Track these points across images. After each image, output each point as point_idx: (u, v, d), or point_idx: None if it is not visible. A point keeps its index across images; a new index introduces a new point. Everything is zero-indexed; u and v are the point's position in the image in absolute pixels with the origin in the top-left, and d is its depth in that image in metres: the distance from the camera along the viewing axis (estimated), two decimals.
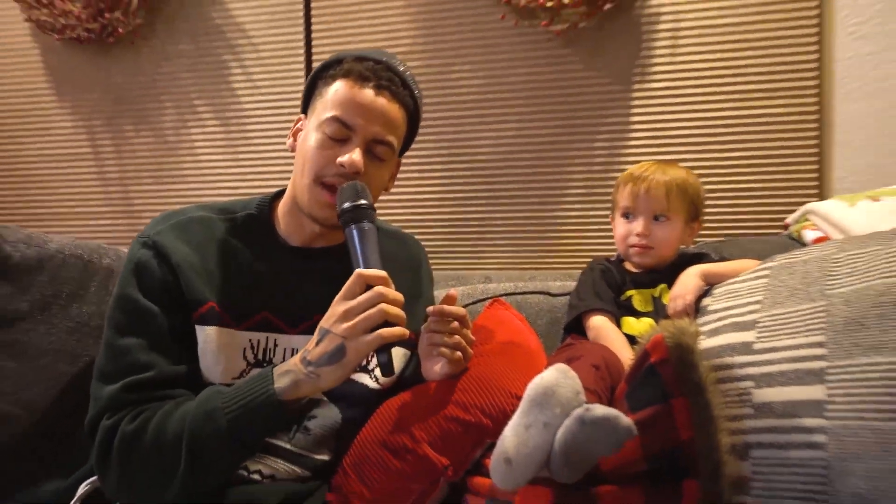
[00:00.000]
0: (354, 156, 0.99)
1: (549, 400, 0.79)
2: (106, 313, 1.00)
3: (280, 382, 0.90)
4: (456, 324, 1.01)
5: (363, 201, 0.97)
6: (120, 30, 2.04)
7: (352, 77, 1.02)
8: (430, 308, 1.02)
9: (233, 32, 2.04)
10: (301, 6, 1.98)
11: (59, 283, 1.18)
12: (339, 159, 0.99)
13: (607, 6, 1.71)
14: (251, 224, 1.09)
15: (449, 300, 1.02)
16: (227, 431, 0.87)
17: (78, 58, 2.15)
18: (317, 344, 0.90)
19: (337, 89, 1.02)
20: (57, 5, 2.04)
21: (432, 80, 1.88)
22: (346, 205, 0.97)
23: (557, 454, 0.77)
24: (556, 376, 0.81)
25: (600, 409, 0.76)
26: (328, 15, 1.96)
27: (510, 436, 0.79)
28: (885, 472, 0.76)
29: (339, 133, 1.01)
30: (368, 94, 1.02)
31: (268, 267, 1.06)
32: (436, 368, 1.04)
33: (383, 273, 0.91)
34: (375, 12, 1.93)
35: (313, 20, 1.98)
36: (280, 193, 1.14)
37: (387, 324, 0.88)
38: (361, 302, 0.88)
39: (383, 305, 0.88)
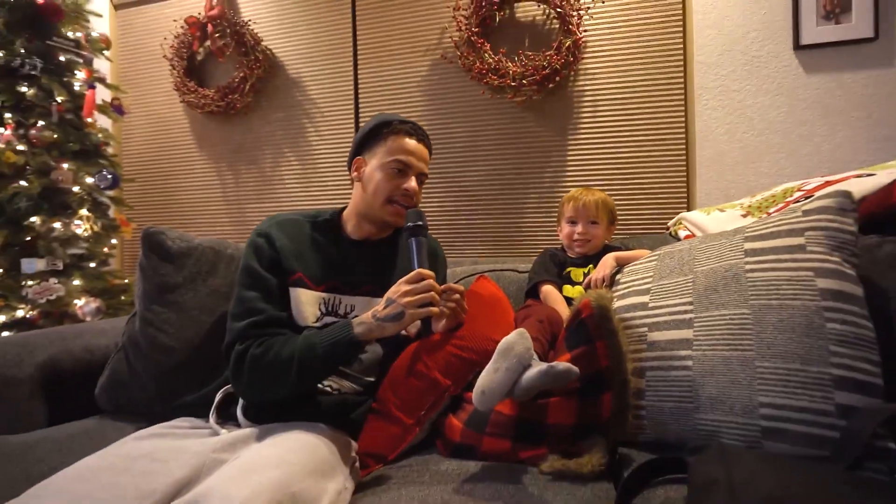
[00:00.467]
0: (413, 184, 1.04)
1: (510, 352, 0.78)
2: (237, 277, 1.00)
3: (357, 329, 0.91)
4: (457, 295, 1.00)
5: (421, 223, 1.00)
6: (238, 105, 2.05)
7: (402, 133, 1.04)
8: (442, 286, 1.02)
9: (308, 104, 2.03)
10: (351, 87, 1.97)
11: (200, 264, 1.18)
12: (404, 186, 1.03)
13: (550, 86, 1.71)
14: (327, 225, 1.09)
15: (428, 276, 0.98)
16: (321, 357, 0.89)
17: (212, 124, 2.16)
18: (385, 307, 0.92)
19: (395, 140, 1.04)
20: (199, 91, 2.08)
21: (436, 132, 1.87)
22: (410, 224, 1.00)
23: (522, 388, 0.76)
24: (515, 338, 0.80)
25: (561, 366, 0.75)
26: (369, 90, 1.95)
27: (484, 375, 0.79)
28: (727, 383, 0.78)
29: (401, 169, 1.03)
30: (414, 143, 1.04)
31: (336, 251, 1.06)
32: (441, 322, 1.04)
33: (432, 273, 0.95)
34: (401, 90, 1.92)
35: (360, 95, 1.97)
36: (344, 207, 1.14)
37: (431, 305, 0.92)
38: (419, 286, 0.92)
39: (433, 293, 0.92)
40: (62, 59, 1.95)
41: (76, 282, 1.91)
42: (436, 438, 0.95)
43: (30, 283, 1.83)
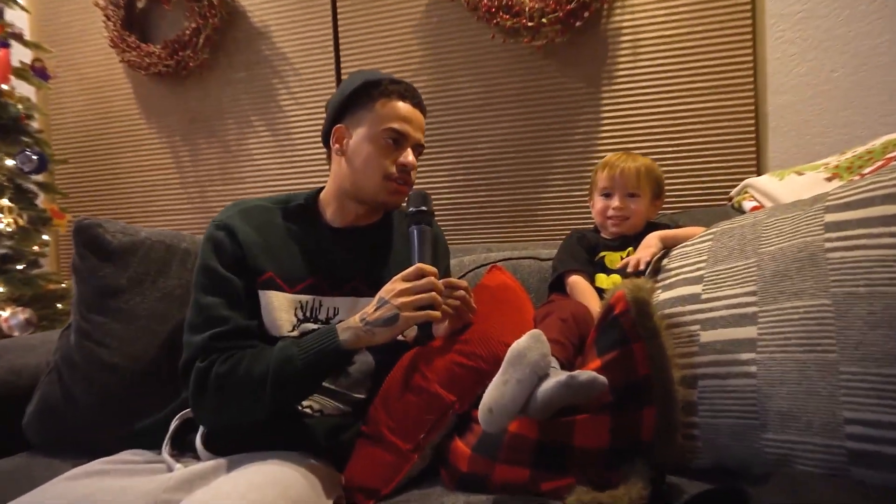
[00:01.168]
0: (411, 157, 1.05)
1: (522, 361, 0.78)
2: (192, 280, 1.01)
3: (343, 336, 0.92)
4: (461, 292, 1.00)
5: (425, 208, 1.02)
6: (191, 64, 2.06)
7: (394, 95, 1.04)
8: (441, 281, 1.02)
9: (278, 61, 2.03)
10: (331, 37, 1.97)
11: (149, 262, 1.20)
12: (401, 160, 1.04)
13: (578, 24, 1.68)
14: (301, 211, 1.10)
15: (430, 273, 0.98)
16: (302, 371, 0.90)
17: (160, 88, 2.17)
18: (376, 309, 0.93)
19: (386, 104, 1.04)
20: (142, 48, 2.08)
21: (438, 90, 1.86)
22: (413, 209, 1.02)
23: (538, 404, 0.76)
24: (528, 342, 0.80)
25: (584, 376, 0.75)
26: (352, 41, 1.95)
27: (491, 389, 0.79)
28: (802, 393, 0.76)
29: (396, 139, 1.04)
30: (409, 107, 1.05)
31: (314, 243, 1.07)
32: (444, 325, 1.04)
33: (435, 269, 0.95)
34: (392, 38, 1.91)
35: (341, 46, 1.97)
36: (321, 190, 1.15)
37: (432, 307, 0.93)
38: (418, 286, 0.92)
39: (434, 294, 0.92)
40: None
41: None
42: (439, 467, 0.96)
43: None
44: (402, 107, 1.05)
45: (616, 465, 0.83)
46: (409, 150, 1.06)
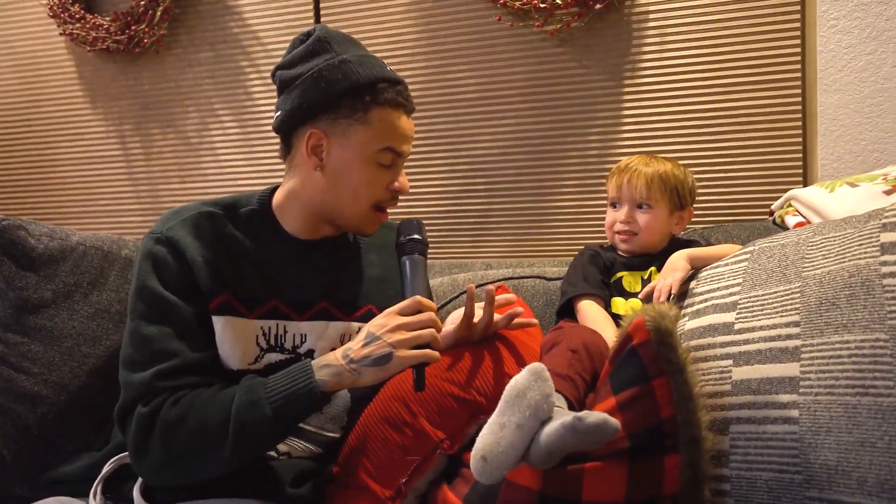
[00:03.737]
0: (405, 180, 1.07)
1: (521, 402, 0.78)
2: (128, 305, 1.00)
3: (321, 374, 0.92)
4: (518, 320, 1.06)
5: (419, 237, 1.04)
6: (145, 40, 2.05)
7: (392, 106, 1.02)
8: (503, 298, 1.08)
9: (248, 40, 2.04)
10: (311, 13, 1.98)
11: (80, 272, 1.20)
12: (395, 185, 1.05)
13: (598, 6, 1.69)
14: (254, 218, 1.08)
15: (428, 308, 1.00)
16: (272, 418, 0.89)
17: (108, 67, 2.17)
18: (363, 345, 0.92)
19: (383, 119, 1.02)
20: (88, 20, 2.07)
21: (433, 80, 1.87)
22: (405, 237, 1.04)
23: (543, 451, 0.76)
24: (527, 379, 0.80)
25: (592, 418, 0.75)
26: (336, 21, 1.95)
27: (486, 434, 0.79)
28: (853, 444, 0.75)
29: (391, 161, 1.04)
30: (406, 121, 1.05)
31: (274, 258, 1.06)
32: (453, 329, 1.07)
33: (434, 304, 0.97)
34: (380, 18, 1.92)
35: (324, 23, 1.96)
36: (272, 190, 1.13)
37: (429, 346, 0.93)
38: (416, 321, 0.93)
39: (434, 331, 0.93)
40: None
41: None
42: None
43: None
44: (402, 122, 1.03)
45: None
46: (402, 171, 1.06)
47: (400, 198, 1.09)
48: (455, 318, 1.07)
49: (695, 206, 1.39)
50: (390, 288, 1.13)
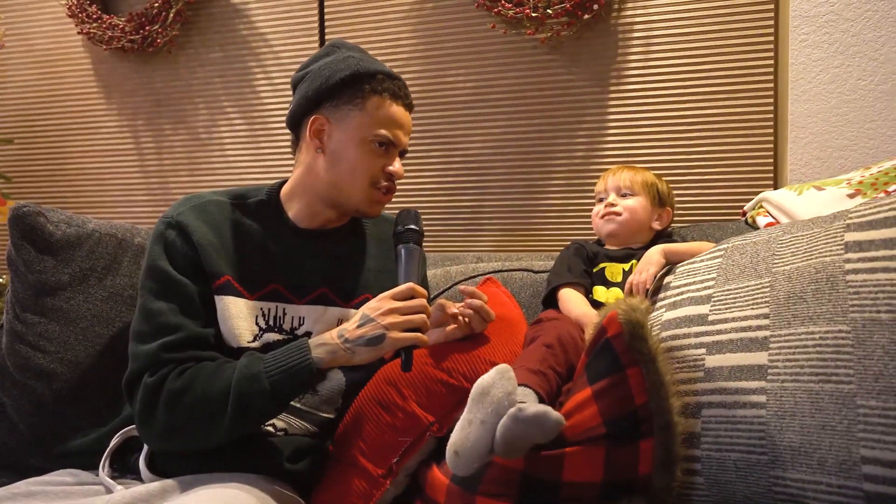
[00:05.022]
0: (399, 165, 1.06)
1: (484, 399, 0.80)
2: (139, 282, 1.00)
3: (317, 352, 0.93)
4: (478, 301, 1.04)
5: (414, 226, 1.04)
6: (159, 40, 2.04)
7: (388, 95, 1.03)
8: (463, 289, 1.07)
9: (256, 41, 2.03)
10: (316, 18, 1.97)
11: (96, 257, 1.20)
12: (389, 168, 1.05)
13: (586, 17, 1.69)
14: (262, 208, 1.08)
15: (420, 295, 1.02)
16: (269, 391, 0.90)
17: (123, 65, 2.15)
18: (358, 326, 0.93)
19: (380, 105, 1.03)
20: (104, 20, 2.06)
21: (430, 83, 1.86)
22: (402, 227, 1.04)
23: (500, 443, 0.77)
24: (493, 378, 0.81)
25: (531, 409, 0.77)
26: (339, 25, 1.95)
27: (457, 430, 0.80)
28: (815, 427, 0.76)
29: (385, 145, 1.04)
30: (402, 111, 1.06)
31: (277, 245, 1.06)
32: (447, 330, 1.06)
33: (426, 292, 0.99)
34: (381, 24, 1.91)
35: (326, 30, 1.97)
36: (282, 184, 1.13)
37: (419, 330, 0.95)
38: (409, 306, 0.94)
39: (424, 316, 0.94)
40: None
41: None
42: (414, 496, 0.96)
43: None
44: (396, 110, 1.04)
45: (610, 501, 0.84)
46: (398, 158, 1.06)
47: (396, 191, 1.10)
48: (443, 303, 1.06)
49: (673, 206, 1.40)
50: (387, 279, 1.13)
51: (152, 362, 0.92)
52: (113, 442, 0.99)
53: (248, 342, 1.00)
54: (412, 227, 1.04)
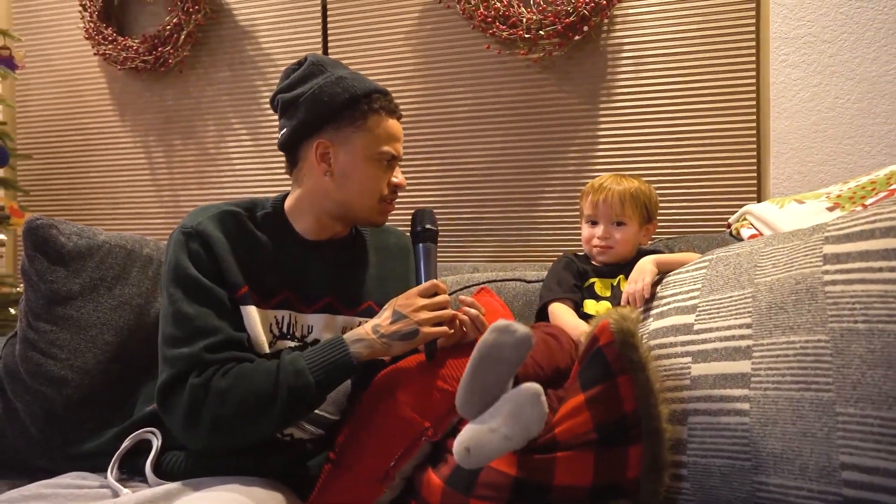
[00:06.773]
0: (402, 176, 1.08)
1: (520, 416, 0.75)
2: (163, 293, 0.98)
3: (355, 348, 0.95)
4: (475, 311, 1.02)
5: (432, 227, 1.08)
6: (170, 61, 2.05)
7: (384, 112, 1.04)
8: (461, 299, 1.06)
9: (263, 61, 2.04)
10: (320, 39, 1.98)
11: (105, 268, 1.19)
12: (395, 181, 1.07)
13: (577, 38, 1.69)
14: (269, 220, 1.07)
15: (442, 291, 1.03)
16: (315, 385, 0.91)
17: (136, 84, 2.16)
18: (392, 322, 0.96)
19: (379, 124, 1.04)
20: (119, 42, 2.08)
21: (429, 101, 1.87)
22: (420, 227, 1.08)
23: (475, 358, 0.78)
24: (531, 397, 0.75)
25: (519, 327, 0.76)
26: (342, 47, 1.95)
27: (475, 431, 0.77)
28: (797, 434, 0.76)
29: (389, 160, 1.05)
30: (397, 124, 1.07)
31: (286, 255, 1.05)
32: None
33: (446, 286, 1.02)
34: (382, 44, 1.92)
35: (330, 51, 1.97)
36: (284, 197, 1.12)
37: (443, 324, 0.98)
38: (436, 303, 0.98)
39: (450, 311, 0.98)
40: None
41: None
42: (409, 499, 0.95)
43: None
44: (392, 124, 1.05)
45: None
46: (399, 170, 1.08)
47: (398, 204, 1.11)
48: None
49: (660, 218, 1.39)
50: (388, 286, 1.13)
51: (196, 363, 0.91)
52: (125, 444, 0.98)
53: (267, 350, 1.00)
54: (429, 226, 1.07)
